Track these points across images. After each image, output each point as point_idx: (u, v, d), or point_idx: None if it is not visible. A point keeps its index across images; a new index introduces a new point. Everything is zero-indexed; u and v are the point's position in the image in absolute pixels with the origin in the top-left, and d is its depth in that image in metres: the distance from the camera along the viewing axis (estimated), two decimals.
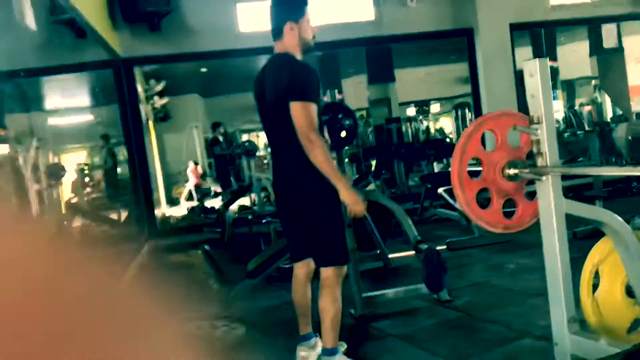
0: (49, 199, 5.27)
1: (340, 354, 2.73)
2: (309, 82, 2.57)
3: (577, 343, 2.04)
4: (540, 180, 2.05)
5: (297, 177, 2.67)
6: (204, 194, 10.74)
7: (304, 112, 2.50)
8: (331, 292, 2.67)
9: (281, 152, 2.75)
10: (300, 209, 2.71)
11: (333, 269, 2.67)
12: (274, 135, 2.77)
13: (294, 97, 2.52)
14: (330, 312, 2.67)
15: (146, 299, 0.35)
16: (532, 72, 2.02)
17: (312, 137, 2.48)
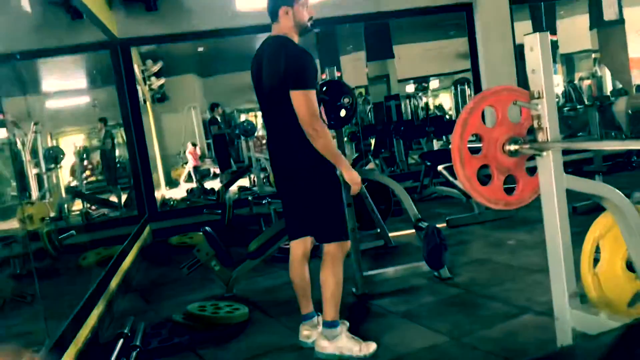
0: (48, 183, 5.26)
1: (340, 326, 2.76)
2: (306, 68, 2.59)
3: (578, 317, 2.05)
4: (540, 156, 2.03)
5: (294, 157, 2.72)
6: (202, 175, 10.73)
7: (305, 100, 2.55)
8: (332, 266, 2.74)
9: (278, 133, 2.79)
10: (299, 187, 2.76)
11: (336, 244, 2.74)
12: (271, 116, 2.81)
13: (293, 85, 2.56)
14: (330, 285, 2.73)
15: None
16: (532, 46, 2.00)
17: (316, 126, 2.56)
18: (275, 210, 5.87)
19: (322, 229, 2.78)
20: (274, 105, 2.74)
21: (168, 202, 8.58)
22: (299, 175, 2.73)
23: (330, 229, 2.76)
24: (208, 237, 4.01)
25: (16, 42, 3.65)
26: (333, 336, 2.73)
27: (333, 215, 2.75)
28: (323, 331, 2.76)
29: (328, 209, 2.74)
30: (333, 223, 2.76)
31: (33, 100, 4.56)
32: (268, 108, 2.80)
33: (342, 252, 2.77)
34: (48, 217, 4.55)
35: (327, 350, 2.72)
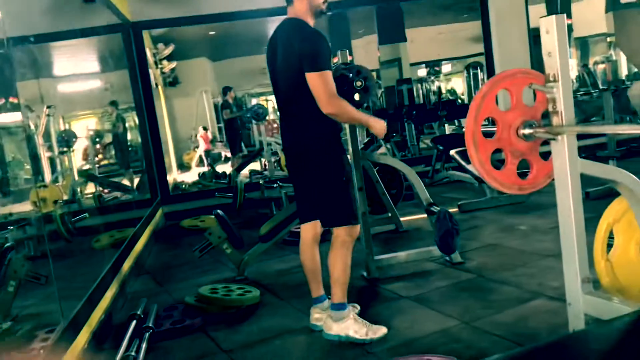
0: (61, 166, 5.30)
1: (348, 309, 2.77)
2: (320, 50, 2.60)
3: (590, 303, 2.04)
4: (555, 140, 2.01)
5: (305, 140, 2.75)
6: (214, 159, 10.76)
7: (322, 81, 2.56)
8: (340, 248, 2.77)
9: (290, 116, 2.81)
10: (308, 171, 2.78)
11: (344, 228, 2.76)
12: (284, 99, 2.82)
13: (309, 67, 2.57)
14: (338, 268, 2.76)
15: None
16: (548, 28, 1.96)
17: (335, 105, 2.58)
18: (286, 194, 5.88)
19: (330, 213, 2.80)
20: (287, 89, 2.75)
21: (180, 186, 8.63)
22: (308, 158, 2.75)
23: (337, 213, 2.77)
24: (220, 220, 4.03)
25: (29, 25, 3.66)
26: (340, 318, 2.75)
27: (340, 200, 2.76)
28: (330, 313, 2.78)
29: (336, 193, 2.75)
30: (340, 207, 2.77)
31: (46, 84, 4.58)
32: (282, 91, 2.81)
33: (351, 236, 2.78)
34: (61, 200, 4.59)
35: (333, 331, 2.75)
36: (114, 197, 6.21)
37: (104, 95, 6.26)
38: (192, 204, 6.81)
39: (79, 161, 5.80)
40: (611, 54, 11.07)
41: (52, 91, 4.85)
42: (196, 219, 6.19)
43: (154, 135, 6.63)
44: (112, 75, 6.37)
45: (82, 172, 5.79)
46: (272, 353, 2.78)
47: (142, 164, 6.71)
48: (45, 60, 4.70)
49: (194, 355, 2.87)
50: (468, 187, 5.99)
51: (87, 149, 5.98)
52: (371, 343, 2.70)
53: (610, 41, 11.03)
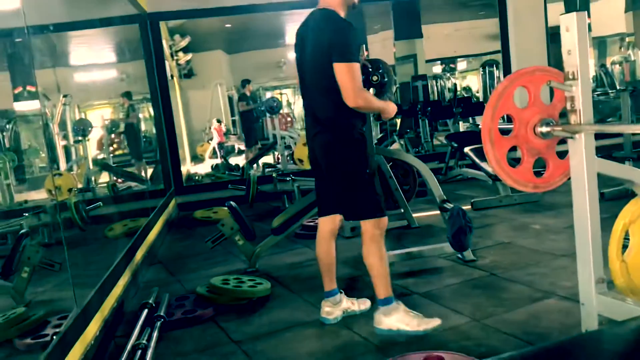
0: (76, 155, 5.34)
1: (395, 302, 2.74)
2: (351, 42, 2.59)
3: (604, 303, 2.03)
4: (573, 138, 2.00)
5: (330, 133, 2.73)
6: (227, 152, 10.78)
7: (350, 73, 2.55)
8: (372, 244, 2.73)
9: (316, 108, 2.78)
10: (332, 164, 2.76)
11: (371, 222, 2.72)
12: (311, 90, 2.79)
13: (337, 58, 2.56)
14: (375, 264, 2.73)
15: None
16: (569, 26, 1.95)
17: (361, 98, 2.58)
18: (298, 188, 5.88)
19: (354, 207, 2.76)
20: (315, 79, 2.73)
21: (193, 177, 8.66)
22: (333, 151, 2.73)
23: (362, 206, 2.73)
24: (233, 212, 4.04)
25: (49, 14, 3.68)
26: (389, 312, 2.71)
27: (365, 193, 2.72)
28: (379, 308, 2.75)
29: (360, 186, 2.72)
30: (365, 200, 2.73)
31: (63, 72, 4.61)
32: (309, 82, 2.79)
33: (380, 228, 2.73)
34: (75, 188, 4.63)
35: (383, 325, 2.72)
36: (128, 186, 6.25)
37: (119, 86, 6.30)
38: (205, 195, 6.84)
39: (93, 150, 5.85)
40: (629, 53, 10.93)
41: (68, 80, 4.88)
42: (209, 210, 6.21)
43: (168, 127, 6.65)
44: (129, 65, 6.41)
45: (97, 161, 5.84)
46: (282, 345, 2.79)
47: (156, 154, 6.75)
48: (63, 49, 4.74)
49: (205, 345, 2.88)
50: (481, 184, 5.96)
51: (102, 139, 6.03)
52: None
53: (629, 41, 10.89)
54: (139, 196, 6.23)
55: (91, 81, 5.62)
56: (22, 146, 4.65)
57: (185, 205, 6.68)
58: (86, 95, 5.57)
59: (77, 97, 5.12)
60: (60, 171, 4.66)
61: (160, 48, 6.66)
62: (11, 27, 3.22)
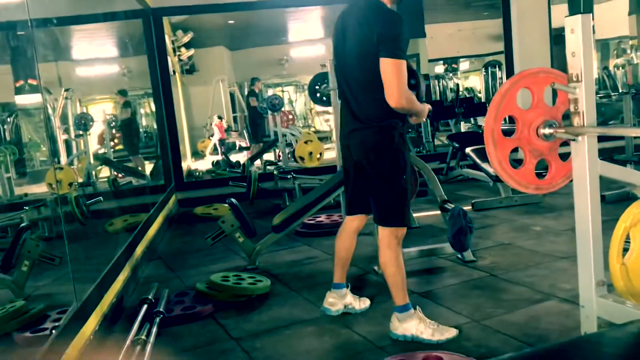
0: (77, 149, 5.34)
1: (412, 310, 2.68)
2: (402, 37, 2.47)
3: (604, 306, 2.02)
4: (576, 141, 1.99)
5: (371, 133, 2.62)
6: (228, 148, 10.78)
7: (396, 70, 2.43)
8: (389, 252, 2.68)
9: (354, 104, 2.67)
10: (366, 165, 2.67)
11: (389, 229, 2.67)
12: (350, 85, 2.68)
13: (385, 52, 2.43)
14: (392, 273, 2.68)
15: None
16: (574, 28, 1.94)
17: (407, 97, 2.47)
18: (299, 185, 5.88)
19: (382, 211, 2.69)
20: (358, 74, 2.60)
21: (193, 173, 8.66)
22: (370, 151, 2.63)
23: (388, 212, 2.67)
24: (233, 209, 4.04)
25: (52, 7, 3.68)
26: (404, 319, 2.67)
27: (396, 199, 2.64)
28: (396, 314, 2.71)
29: (393, 191, 2.64)
30: (393, 207, 2.66)
31: (65, 66, 4.60)
32: (349, 76, 2.66)
33: (397, 237, 2.67)
34: (76, 182, 4.63)
35: (397, 331, 2.68)
36: (129, 181, 6.25)
37: (122, 80, 6.29)
38: (205, 191, 6.84)
39: (94, 145, 5.85)
40: (632, 56, 10.93)
41: (70, 74, 4.88)
42: (209, 207, 6.21)
43: (170, 122, 6.65)
44: (131, 60, 6.40)
45: (98, 156, 5.83)
46: (281, 342, 2.79)
47: (157, 149, 6.74)
48: (66, 43, 4.73)
49: (204, 341, 2.89)
50: (482, 185, 5.96)
51: (103, 133, 6.02)
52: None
53: (633, 44, 10.89)
54: (140, 191, 6.23)
55: (93, 75, 5.62)
56: (23, 139, 4.65)
57: (185, 201, 6.68)
58: (88, 89, 5.57)
59: (79, 91, 5.12)
60: (61, 165, 4.65)
61: (162, 43, 6.66)
62: (15, 20, 3.21)
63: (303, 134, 8.92)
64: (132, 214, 5.01)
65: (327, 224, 4.92)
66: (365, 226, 4.66)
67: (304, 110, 12.80)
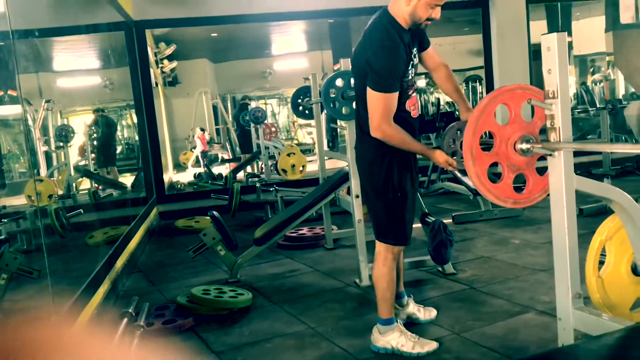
0: (57, 161, 5.30)
1: (396, 324, 2.71)
2: (387, 70, 2.42)
3: (580, 318, 2.06)
4: (552, 156, 2.04)
5: (365, 146, 2.66)
6: (210, 160, 10.76)
7: (379, 104, 2.42)
8: (384, 268, 2.69)
9: (358, 118, 2.70)
10: (364, 178, 2.73)
11: (384, 245, 2.68)
12: (355, 98, 2.75)
13: (370, 83, 2.43)
14: (381, 286, 2.70)
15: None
16: (550, 46, 1.99)
17: (384, 129, 2.43)
18: (282, 198, 5.89)
19: (377, 226, 2.71)
20: (356, 88, 2.64)
21: (175, 185, 8.62)
22: (363, 165, 2.68)
23: (383, 227, 2.68)
24: (215, 222, 4.03)
25: (34, 19, 3.67)
26: (386, 331, 2.70)
27: (387, 217, 2.65)
28: (377, 327, 2.73)
29: (383, 209, 2.65)
30: (387, 223, 2.66)
31: (46, 78, 4.58)
32: (354, 89, 2.73)
33: (391, 253, 2.68)
34: (56, 194, 4.59)
35: (378, 343, 2.70)
36: (109, 194, 6.21)
37: (103, 92, 6.27)
38: (187, 204, 6.82)
39: (75, 157, 5.81)
40: (609, 72, 11.15)
41: (52, 85, 4.85)
42: (191, 220, 6.19)
43: (152, 134, 6.63)
44: (113, 72, 6.39)
45: (78, 168, 5.79)
46: (262, 356, 2.79)
47: (139, 161, 6.71)
48: (47, 54, 4.71)
49: (184, 355, 2.86)
50: (463, 198, 6.01)
51: (84, 145, 5.98)
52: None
53: (609, 60, 11.12)
54: (121, 204, 6.19)
55: (75, 87, 5.59)
56: (2, 151, 4.61)
57: (166, 213, 6.64)
58: (69, 101, 5.54)
59: (60, 102, 5.09)
60: (41, 177, 4.61)
61: (145, 55, 6.66)
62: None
63: (286, 146, 8.93)
64: (112, 227, 4.98)
65: (309, 236, 4.93)
66: (347, 238, 4.71)
67: (286, 123, 12.83)
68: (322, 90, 3.67)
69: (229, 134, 11.24)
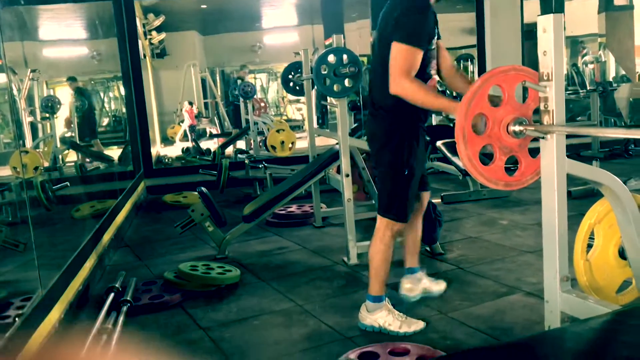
0: (43, 132, 5.22)
1: (384, 302, 2.70)
2: (419, 25, 2.44)
3: (567, 301, 2.07)
4: (544, 139, 2.02)
5: (377, 119, 2.65)
6: (199, 135, 10.67)
7: (402, 55, 2.39)
8: (378, 242, 2.69)
9: (372, 88, 2.69)
10: (374, 150, 2.72)
11: (385, 222, 2.68)
12: (372, 70, 2.73)
13: (397, 37, 2.41)
14: (376, 262, 2.70)
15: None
16: (546, 27, 1.97)
17: (402, 84, 2.38)
18: (271, 175, 5.86)
19: (380, 200, 2.70)
20: (376, 58, 2.61)
21: (162, 160, 8.56)
22: (375, 137, 2.66)
23: (385, 202, 2.67)
24: (203, 198, 4.01)
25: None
26: (373, 309, 2.69)
27: (392, 191, 2.64)
28: (366, 304, 2.73)
29: (389, 183, 2.64)
30: (390, 199, 2.65)
31: (31, 47, 4.49)
32: (372, 60, 2.70)
33: (391, 230, 2.67)
34: (42, 166, 4.53)
35: (366, 321, 2.71)
36: (96, 167, 6.14)
37: (90, 63, 6.16)
38: (175, 179, 6.77)
39: (61, 128, 5.72)
40: (601, 54, 11.14)
41: (37, 55, 4.76)
42: (179, 195, 6.15)
43: (140, 107, 6.55)
44: (100, 43, 6.28)
45: (65, 140, 5.71)
46: (249, 333, 2.79)
47: (126, 135, 6.64)
48: (33, 23, 4.61)
49: (171, 330, 2.87)
50: (452, 178, 6.03)
51: (70, 117, 5.89)
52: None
53: (601, 42, 11.10)
54: (107, 177, 6.13)
55: (61, 57, 5.49)
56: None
57: (154, 188, 6.60)
58: (56, 71, 5.44)
59: (46, 73, 5.00)
60: (27, 148, 4.55)
61: (133, 26, 6.54)
62: None
63: (275, 122, 8.88)
64: (99, 200, 4.94)
65: (298, 214, 4.92)
66: (336, 217, 4.70)
67: (276, 99, 12.73)
68: (313, 67, 3.63)
69: (217, 109, 11.14)
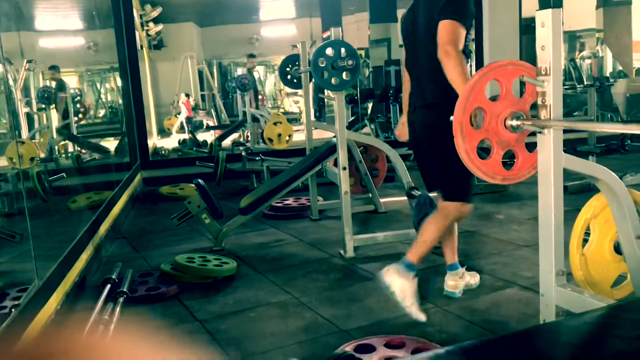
0: (39, 123, 5.20)
1: (415, 272, 2.70)
2: (466, 7, 2.54)
3: (563, 295, 2.08)
4: (542, 133, 2.03)
5: (433, 112, 2.68)
6: (195, 127, 10.66)
7: (450, 28, 2.48)
8: (441, 220, 2.73)
9: (422, 81, 2.73)
10: (432, 142, 2.74)
11: (455, 204, 2.73)
12: (420, 62, 2.75)
13: (444, 16, 2.50)
14: (429, 233, 2.72)
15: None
16: (544, 22, 1.97)
17: (450, 49, 2.46)
18: (268, 168, 5.86)
19: (448, 188, 2.74)
20: (426, 49, 2.65)
21: (159, 151, 8.54)
22: (434, 130, 2.68)
23: (456, 189, 2.72)
24: (200, 190, 4.00)
25: None
26: (405, 275, 2.66)
27: (462, 176, 2.62)
28: (398, 265, 2.71)
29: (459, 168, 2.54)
30: (460, 183, 2.70)
31: (28, 37, 4.46)
32: (420, 52, 2.73)
33: (460, 213, 2.74)
34: (38, 157, 4.52)
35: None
36: (93, 158, 6.12)
37: (87, 54, 6.13)
38: (171, 170, 6.77)
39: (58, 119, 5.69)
40: (598, 49, 11.15)
41: (34, 45, 4.73)
42: (175, 187, 6.15)
43: (136, 98, 6.53)
44: (98, 34, 6.24)
45: (61, 131, 5.69)
46: (245, 325, 2.80)
47: (123, 126, 6.62)
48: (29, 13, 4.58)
49: (168, 322, 2.87)
50: None
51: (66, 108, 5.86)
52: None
53: (599, 37, 11.10)
54: (104, 169, 6.12)
55: (58, 48, 5.46)
56: None
57: (150, 180, 6.59)
58: (52, 62, 5.41)
59: (42, 63, 4.97)
60: (23, 139, 4.53)
61: (130, 17, 6.51)
62: None
63: (272, 115, 8.86)
64: (96, 192, 4.93)
65: (295, 207, 4.92)
66: (332, 209, 4.71)
67: (273, 91, 12.72)
68: (311, 60, 3.62)
69: (214, 101, 11.12)
